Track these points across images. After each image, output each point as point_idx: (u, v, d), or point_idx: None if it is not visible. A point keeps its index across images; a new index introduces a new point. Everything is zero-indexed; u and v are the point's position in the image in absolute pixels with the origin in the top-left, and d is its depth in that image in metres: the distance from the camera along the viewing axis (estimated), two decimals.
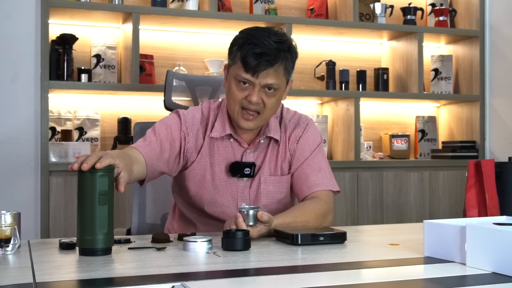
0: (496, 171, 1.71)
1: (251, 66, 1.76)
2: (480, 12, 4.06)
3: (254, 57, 1.76)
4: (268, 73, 1.77)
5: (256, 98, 1.79)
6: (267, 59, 1.76)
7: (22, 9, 3.22)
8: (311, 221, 1.77)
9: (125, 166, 1.55)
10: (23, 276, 1.20)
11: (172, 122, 1.89)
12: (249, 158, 1.91)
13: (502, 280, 1.16)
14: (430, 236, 1.38)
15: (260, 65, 1.76)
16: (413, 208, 3.80)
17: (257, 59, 1.75)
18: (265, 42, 1.76)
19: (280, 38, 1.80)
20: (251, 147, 1.91)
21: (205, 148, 1.90)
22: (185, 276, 1.20)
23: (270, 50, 1.76)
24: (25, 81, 3.21)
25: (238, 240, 1.48)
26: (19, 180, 3.17)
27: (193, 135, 1.89)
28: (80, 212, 1.42)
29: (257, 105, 1.80)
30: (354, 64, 4.10)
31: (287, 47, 1.81)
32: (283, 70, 1.80)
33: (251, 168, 1.88)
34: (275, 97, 1.82)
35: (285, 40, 1.81)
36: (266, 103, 1.81)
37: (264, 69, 1.76)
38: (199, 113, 1.93)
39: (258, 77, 1.77)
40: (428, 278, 1.24)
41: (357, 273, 1.29)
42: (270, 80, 1.78)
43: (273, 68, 1.77)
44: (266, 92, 1.80)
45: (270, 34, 1.80)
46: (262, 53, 1.75)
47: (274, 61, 1.77)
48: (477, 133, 4.07)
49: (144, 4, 3.63)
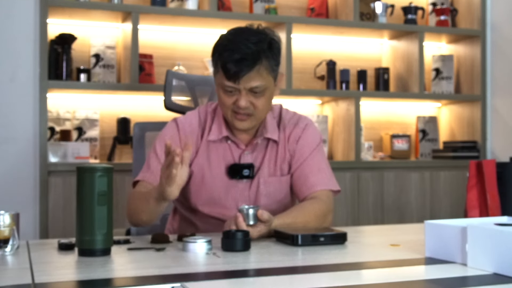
0: (497, 172, 1.70)
1: (231, 73, 1.76)
2: (481, 11, 4.06)
3: (233, 63, 1.75)
4: (250, 77, 1.76)
5: (244, 103, 1.78)
6: (246, 64, 1.74)
7: (21, 9, 3.21)
8: (311, 222, 1.76)
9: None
10: (22, 277, 1.20)
11: (171, 136, 1.89)
12: (247, 159, 1.91)
13: (503, 281, 1.16)
14: (431, 236, 1.38)
15: (240, 71, 1.75)
16: (414, 209, 3.80)
17: (237, 66, 1.75)
18: (243, 46, 1.75)
19: (258, 38, 1.78)
20: (249, 148, 1.91)
21: (203, 151, 1.90)
22: (185, 277, 1.19)
23: (248, 54, 1.75)
24: (24, 80, 3.21)
25: (238, 241, 1.48)
26: (17, 181, 3.16)
27: (193, 141, 1.90)
28: (79, 213, 1.41)
29: (247, 109, 1.80)
30: (355, 64, 4.10)
31: (267, 46, 1.79)
32: (265, 70, 1.79)
33: (250, 169, 1.88)
34: (264, 97, 1.81)
35: (263, 39, 1.79)
36: (256, 105, 1.80)
37: (245, 74, 1.75)
38: (196, 118, 1.94)
39: (240, 83, 1.77)
40: (429, 279, 1.23)
41: (357, 274, 1.28)
42: (254, 83, 1.77)
43: (254, 71, 1.76)
44: (253, 94, 1.79)
45: (249, 35, 1.79)
46: (240, 59, 1.74)
47: (253, 64, 1.75)
48: (478, 133, 4.06)
49: (143, 4, 3.63)
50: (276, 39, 1.85)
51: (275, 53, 1.83)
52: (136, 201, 1.79)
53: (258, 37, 1.79)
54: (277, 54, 1.84)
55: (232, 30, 1.84)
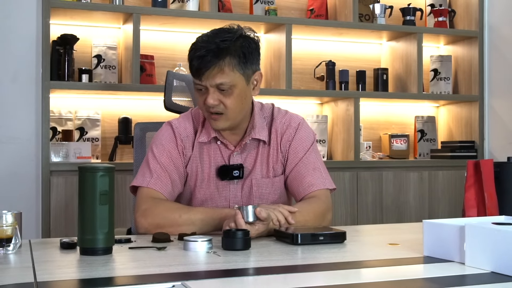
0: (495, 171, 1.71)
1: (194, 70, 1.77)
2: (479, 12, 4.06)
3: (196, 60, 1.76)
4: (212, 73, 1.76)
5: (212, 100, 1.78)
6: (207, 59, 1.74)
7: (23, 10, 3.22)
8: (310, 221, 1.77)
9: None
10: (24, 276, 1.21)
11: (168, 141, 1.90)
12: (237, 160, 1.91)
13: (501, 279, 1.16)
14: (429, 235, 1.38)
15: (202, 68, 1.75)
16: (412, 208, 3.80)
17: (199, 62, 1.75)
18: (207, 44, 1.75)
19: (225, 36, 1.77)
20: (237, 149, 1.91)
21: (196, 152, 1.91)
22: (186, 276, 1.20)
23: (210, 50, 1.74)
24: (26, 81, 3.22)
25: (238, 240, 1.48)
26: (20, 180, 3.17)
27: (189, 145, 1.91)
28: (81, 212, 1.42)
29: (217, 107, 1.79)
30: (354, 65, 4.10)
31: (233, 43, 1.77)
32: (232, 66, 1.77)
33: (240, 170, 1.88)
34: (233, 95, 1.79)
35: (230, 37, 1.78)
36: (225, 104, 1.79)
37: (206, 70, 1.75)
38: (190, 122, 1.94)
39: (203, 80, 1.77)
40: (427, 277, 1.24)
41: (356, 273, 1.29)
42: (217, 79, 1.76)
43: (217, 67, 1.75)
44: (221, 92, 1.78)
45: (219, 33, 1.79)
46: (202, 55, 1.74)
47: (215, 60, 1.74)
48: (476, 133, 4.07)
49: (144, 5, 3.64)
50: (250, 37, 1.83)
51: (246, 50, 1.80)
52: (167, 213, 1.75)
53: (225, 35, 1.78)
54: (248, 51, 1.80)
55: (210, 30, 1.84)
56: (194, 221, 1.72)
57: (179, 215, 1.74)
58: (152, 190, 1.83)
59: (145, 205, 1.79)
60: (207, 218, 1.72)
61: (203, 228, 1.72)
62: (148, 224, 1.75)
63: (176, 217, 1.73)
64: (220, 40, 1.76)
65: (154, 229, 1.70)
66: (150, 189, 1.83)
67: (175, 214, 1.74)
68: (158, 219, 1.74)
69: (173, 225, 1.72)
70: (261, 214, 1.59)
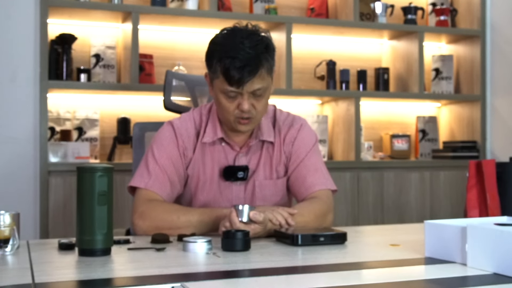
0: (497, 171, 1.70)
1: (235, 80, 1.75)
2: (481, 11, 4.06)
3: (236, 71, 1.73)
4: (253, 81, 1.76)
5: (247, 106, 1.78)
6: (248, 70, 1.73)
7: (21, 9, 3.22)
8: (311, 222, 1.76)
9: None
10: (22, 277, 1.20)
11: (169, 141, 1.89)
12: (242, 161, 1.90)
13: (503, 281, 1.16)
14: (431, 236, 1.38)
15: (243, 77, 1.74)
16: (413, 209, 3.80)
17: (240, 72, 1.73)
18: (242, 52, 1.73)
19: (255, 40, 1.77)
20: (243, 150, 1.90)
21: (198, 153, 1.90)
22: (185, 277, 1.19)
23: (249, 59, 1.73)
24: (24, 81, 3.21)
25: (238, 241, 1.47)
26: (18, 180, 3.17)
27: (190, 146, 1.90)
28: (79, 213, 1.41)
29: (249, 112, 1.79)
30: (355, 64, 4.10)
31: (264, 48, 1.78)
32: (266, 72, 1.78)
33: (245, 172, 1.88)
34: (265, 98, 1.82)
35: (260, 41, 1.78)
36: (256, 107, 1.80)
37: (249, 80, 1.75)
38: (191, 122, 1.93)
39: (244, 88, 1.76)
40: (429, 278, 1.23)
41: (357, 274, 1.28)
42: (256, 85, 1.77)
43: (258, 75, 1.76)
44: (254, 97, 1.79)
45: (243, 38, 1.76)
46: (243, 66, 1.73)
47: (256, 69, 1.75)
48: (478, 133, 4.06)
49: (143, 4, 3.63)
50: (270, 39, 1.84)
51: (272, 53, 1.82)
52: (165, 214, 1.74)
53: (255, 39, 1.77)
54: (273, 54, 1.83)
55: (225, 33, 1.82)
56: (193, 222, 1.72)
57: (177, 216, 1.73)
58: (150, 192, 1.82)
59: (142, 207, 1.78)
60: (206, 219, 1.72)
61: (202, 229, 1.72)
62: (146, 227, 1.74)
63: (175, 219, 1.72)
64: (251, 46, 1.75)
65: (152, 231, 1.69)
66: (148, 191, 1.82)
67: (173, 216, 1.73)
68: (157, 221, 1.73)
69: (171, 227, 1.71)
70: (256, 218, 1.58)
